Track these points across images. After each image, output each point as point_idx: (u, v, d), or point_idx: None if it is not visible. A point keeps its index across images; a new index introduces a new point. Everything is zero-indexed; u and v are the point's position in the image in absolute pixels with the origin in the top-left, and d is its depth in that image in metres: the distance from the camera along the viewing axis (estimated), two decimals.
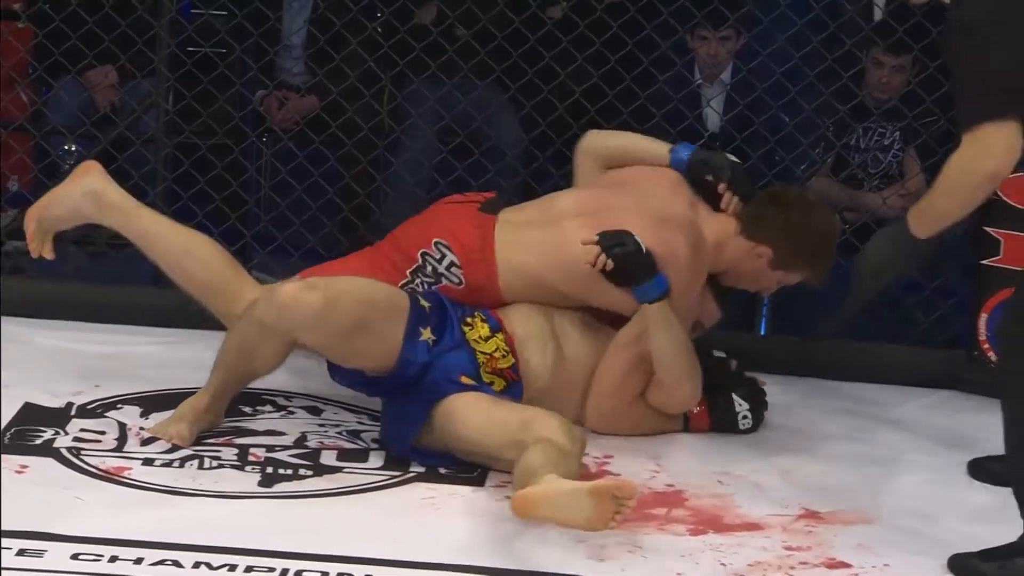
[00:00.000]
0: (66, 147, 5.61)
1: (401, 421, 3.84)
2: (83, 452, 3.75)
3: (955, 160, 3.23)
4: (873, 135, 5.58)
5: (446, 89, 5.48)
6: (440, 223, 4.15)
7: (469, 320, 3.98)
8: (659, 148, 4.32)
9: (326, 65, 5.42)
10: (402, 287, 4.04)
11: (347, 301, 3.75)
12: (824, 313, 4.96)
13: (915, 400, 4.65)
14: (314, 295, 3.72)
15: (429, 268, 4.10)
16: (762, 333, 5.28)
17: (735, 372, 4.37)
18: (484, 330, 3.98)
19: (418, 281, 4.09)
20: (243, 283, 4.13)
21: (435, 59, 5.26)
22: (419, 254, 4.11)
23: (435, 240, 4.09)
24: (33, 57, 5.90)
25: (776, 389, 4.69)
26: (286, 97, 5.95)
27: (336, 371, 3.94)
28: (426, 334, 3.83)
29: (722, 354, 4.38)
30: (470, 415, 3.72)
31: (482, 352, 3.93)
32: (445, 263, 4.09)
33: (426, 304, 3.91)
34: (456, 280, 4.09)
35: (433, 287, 4.08)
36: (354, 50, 5.35)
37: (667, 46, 5.26)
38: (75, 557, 3.16)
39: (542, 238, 4.11)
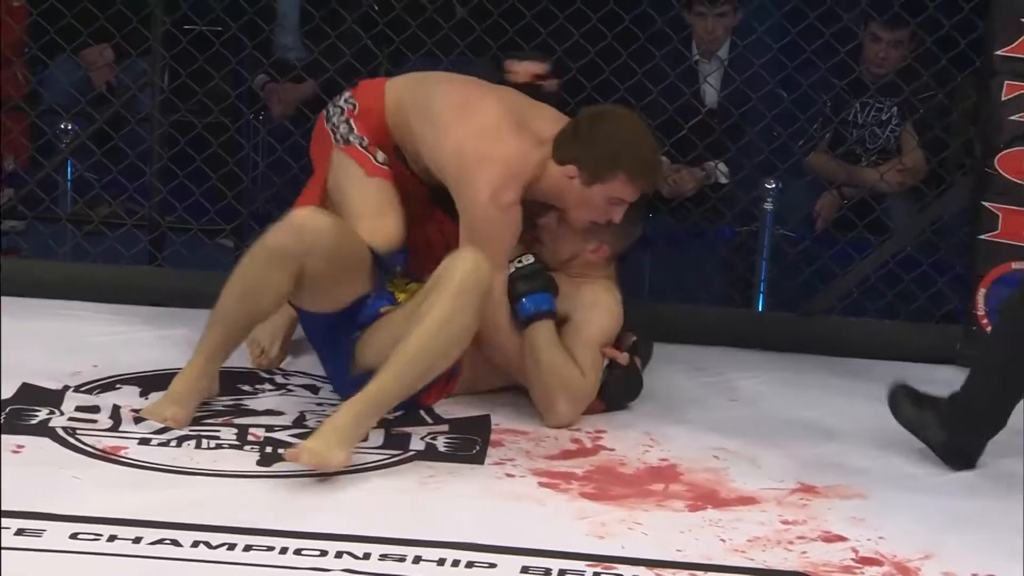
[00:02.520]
0: (62, 126, 5.58)
1: (336, 357, 3.94)
2: (79, 431, 3.75)
3: None
4: (870, 110, 5.57)
5: (443, 66, 5.46)
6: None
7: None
8: None
9: (322, 41, 5.40)
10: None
11: (348, 229, 3.94)
12: (821, 289, 4.98)
13: (911, 375, 4.61)
14: (325, 218, 3.89)
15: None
16: (759, 310, 5.27)
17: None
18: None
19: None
20: None
21: (432, 35, 5.24)
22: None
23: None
24: (29, 36, 5.89)
25: (773, 365, 4.71)
26: (284, 91, 5.93)
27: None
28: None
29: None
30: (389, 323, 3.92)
31: (400, 293, 4.08)
32: (342, 100, 4.26)
33: None
34: (351, 106, 4.24)
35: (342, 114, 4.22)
36: (350, 27, 5.33)
37: (664, 21, 5.25)
38: (74, 536, 3.16)
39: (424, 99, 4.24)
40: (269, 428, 3.86)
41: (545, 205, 4.16)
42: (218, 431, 3.83)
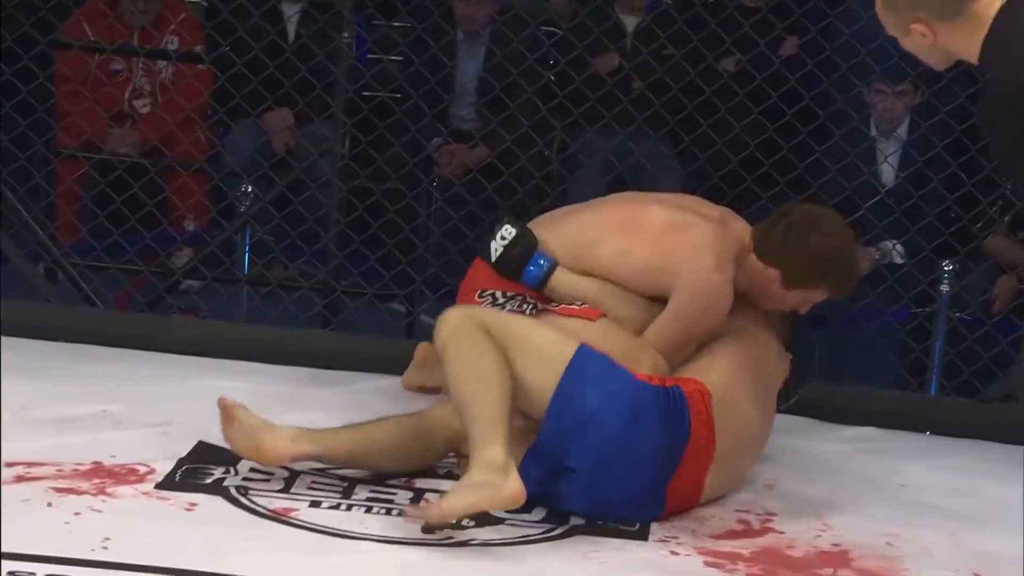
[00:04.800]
0: (243, 189, 5.69)
1: None
2: (251, 491, 3.78)
3: None
4: None
5: (619, 139, 5.48)
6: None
7: None
8: None
9: (499, 112, 5.45)
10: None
11: None
12: (997, 375, 4.88)
13: None
14: None
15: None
16: (932, 393, 5.18)
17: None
18: None
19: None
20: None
21: (608, 109, 5.26)
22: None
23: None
24: (213, 99, 6.02)
25: (947, 451, 4.63)
26: (456, 152, 5.98)
27: None
28: None
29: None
30: None
31: None
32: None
33: None
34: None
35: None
36: (527, 98, 5.37)
37: (844, 100, 5.21)
38: None
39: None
40: (443, 495, 3.84)
41: None
42: (395, 494, 3.83)
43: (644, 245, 4.10)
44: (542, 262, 4.12)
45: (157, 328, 5.02)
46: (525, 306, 4.13)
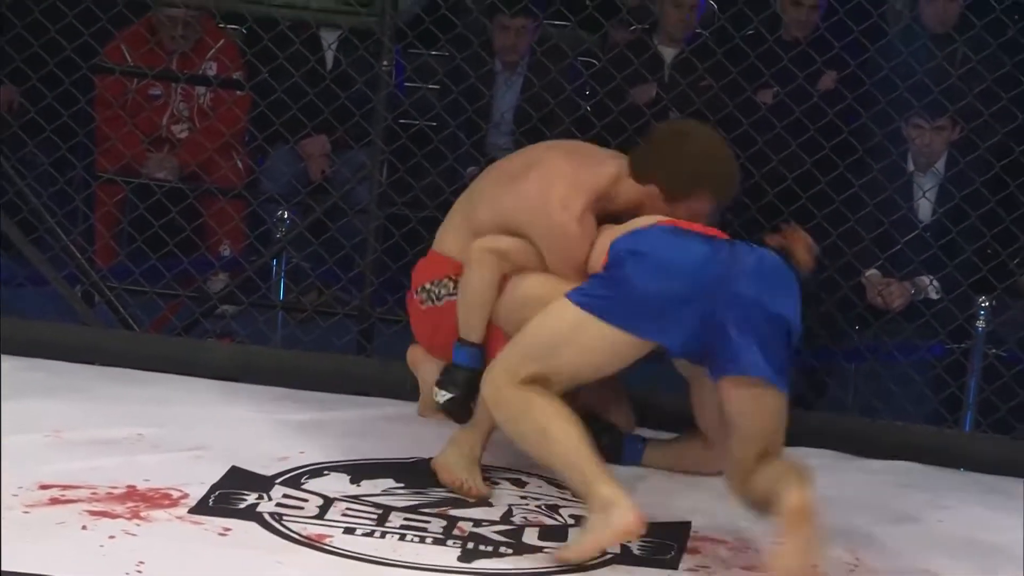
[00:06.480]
0: (279, 215, 5.70)
1: None
2: (285, 517, 3.79)
3: None
4: None
5: None
6: None
7: None
8: None
9: (536, 141, 5.44)
10: None
11: None
12: None
13: None
14: None
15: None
16: (967, 429, 5.16)
17: None
18: None
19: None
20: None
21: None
22: None
23: None
24: (251, 125, 6.04)
25: (981, 487, 4.60)
26: None
27: None
28: None
29: None
30: None
31: None
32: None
33: None
34: None
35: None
36: (564, 128, 5.38)
37: (882, 135, 5.20)
38: None
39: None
40: (477, 523, 3.87)
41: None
42: (429, 522, 3.84)
43: (508, 194, 4.12)
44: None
45: (193, 352, 5.03)
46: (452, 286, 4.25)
